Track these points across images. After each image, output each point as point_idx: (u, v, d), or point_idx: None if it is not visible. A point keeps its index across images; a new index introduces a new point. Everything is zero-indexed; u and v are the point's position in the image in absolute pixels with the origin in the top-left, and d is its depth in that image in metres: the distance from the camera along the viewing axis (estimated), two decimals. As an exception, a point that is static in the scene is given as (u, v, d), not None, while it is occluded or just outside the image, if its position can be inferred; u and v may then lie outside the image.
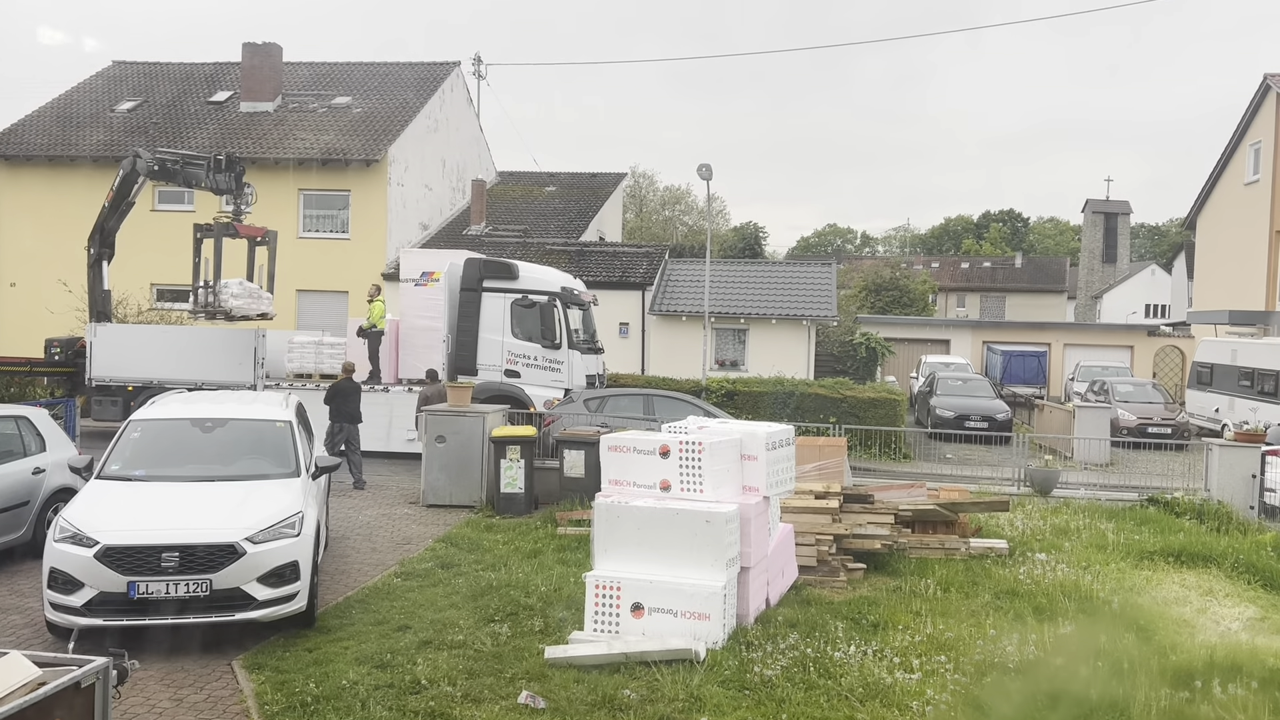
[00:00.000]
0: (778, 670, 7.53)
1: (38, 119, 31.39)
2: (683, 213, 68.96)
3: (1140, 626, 8.76)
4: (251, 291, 19.18)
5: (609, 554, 8.49)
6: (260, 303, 19.35)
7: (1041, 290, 70.91)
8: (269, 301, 19.64)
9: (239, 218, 19.23)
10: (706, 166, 23.62)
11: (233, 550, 7.96)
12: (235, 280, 19.03)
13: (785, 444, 9.57)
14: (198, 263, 19.05)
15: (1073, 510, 14.36)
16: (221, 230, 18.93)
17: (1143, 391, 26.76)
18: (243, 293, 18.92)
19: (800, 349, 27.92)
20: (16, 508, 10.61)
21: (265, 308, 19.49)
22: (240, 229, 19.22)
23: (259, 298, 19.33)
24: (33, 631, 8.43)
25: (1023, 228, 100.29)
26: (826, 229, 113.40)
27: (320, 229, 29.53)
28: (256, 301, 19.24)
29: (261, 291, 19.48)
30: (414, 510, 14.14)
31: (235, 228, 19.13)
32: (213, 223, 19.07)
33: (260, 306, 19.34)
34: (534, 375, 18.99)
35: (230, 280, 18.90)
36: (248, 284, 19.27)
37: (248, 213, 19.41)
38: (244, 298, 18.91)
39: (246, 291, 19.04)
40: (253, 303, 19.13)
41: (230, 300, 18.65)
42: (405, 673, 7.48)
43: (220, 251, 18.80)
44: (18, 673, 4.24)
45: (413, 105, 31.37)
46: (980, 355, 36.80)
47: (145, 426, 9.81)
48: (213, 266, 18.71)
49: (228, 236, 19.00)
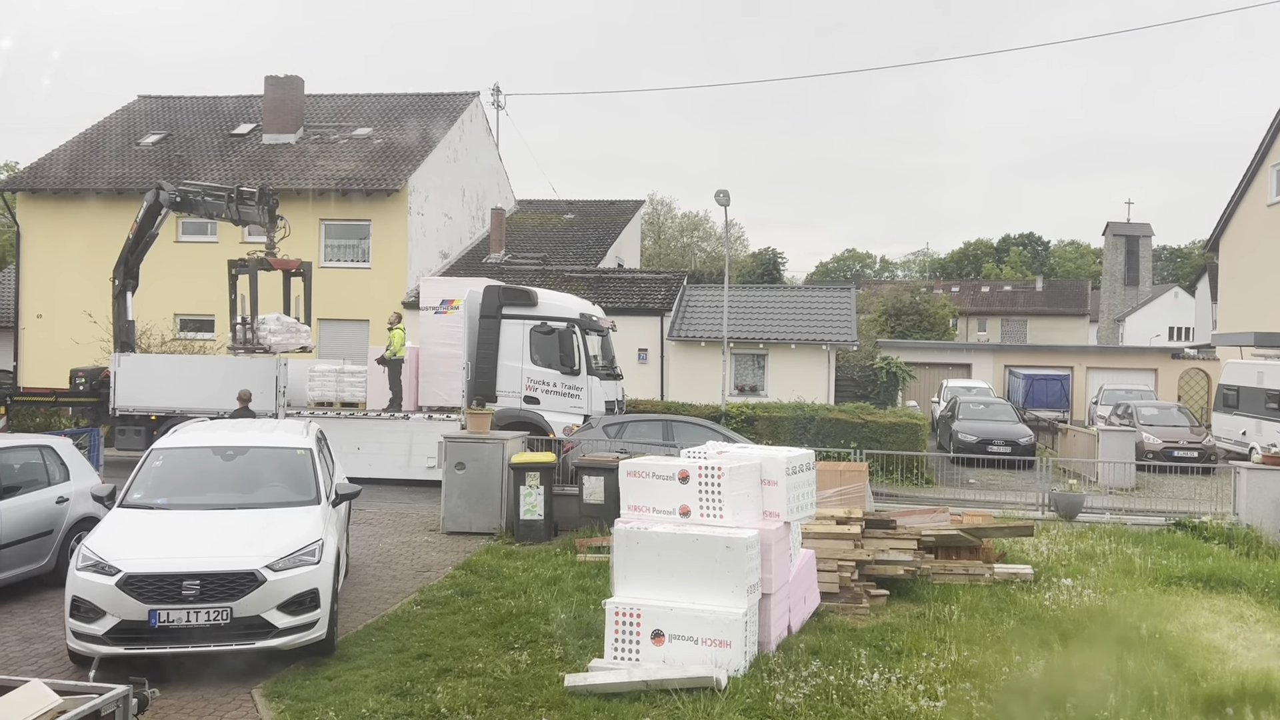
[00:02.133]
0: (800, 698, 7.45)
1: (64, 153, 31.89)
2: (701, 239, 69.17)
3: (1169, 653, 8.61)
4: (289, 326, 19.27)
5: (629, 581, 8.44)
6: (298, 336, 19.37)
7: (1063, 314, 70.46)
8: (306, 334, 19.66)
9: (273, 250, 19.24)
10: (724, 193, 23.66)
11: (253, 578, 7.97)
12: (273, 315, 19.12)
13: (806, 469, 9.52)
14: (234, 299, 19.13)
15: (1098, 535, 14.19)
16: (256, 265, 18.97)
17: (1168, 414, 26.48)
18: (280, 328, 19.01)
19: (820, 374, 27.82)
20: (40, 536, 10.67)
21: (304, 341, 19.52)
22: (274, 262, 19.23)
23: (297, 331, 19.37)
24: (55, 660, 8.46)
25: (1043, 251, 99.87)
26: (845, 254, 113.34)
27: (341, 258, 29.78)
28: (295, 335, 19.28)
29: (299, 325, 19.53)
30: (433, 537, 14.14)
31: (269, 261, 19.16)
32: (247, 258, 19.12)
33: (299, 340, 19.36)
34: (553, 402, 19.01)
35: (268, 316, 18.99)
36: (285, 319, 19.36)
37: (250, 240, 19.58)
38: (282, 333, 18.99)
39: (284, 327, 19.13)
40: (291, 337, 19.19)
41: (269, 336, 18.73)
42: (425, 701, 7.45)
43: (256, 286, 18.85)
44: (39, 701, 4.26)
45: (432, 135, 31.68)
46: (1002, 379, 36.54)
47: (167, 455, 9.87)
48: (249, 302, 18.78)
49: (262, 270, 19.04)
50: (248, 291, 18.86)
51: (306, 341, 19.57)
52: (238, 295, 19.08)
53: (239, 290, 19.11)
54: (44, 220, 30.40)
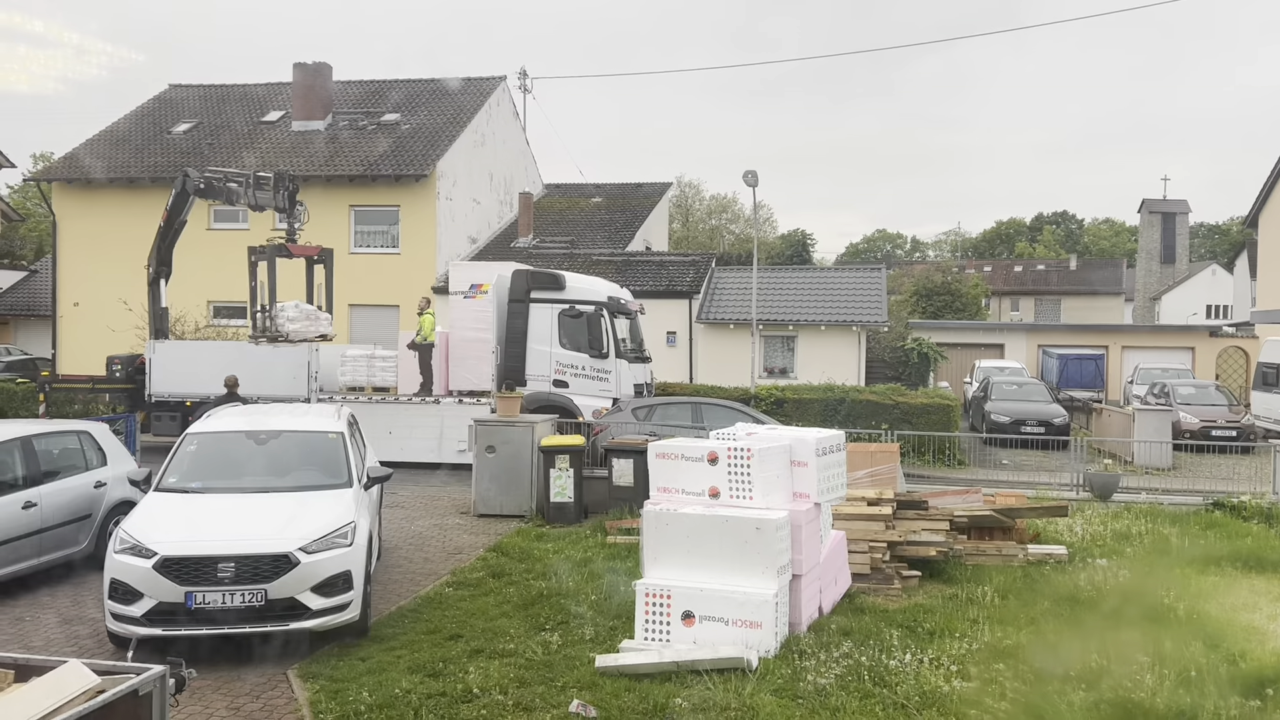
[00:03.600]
0: (831, 679, 7.42)
1: (97, 143, 32.26)
2: (729, 221, 68.85)
3: (1207, 633, 8.49)
4: (308, 314, 18.87)
5: (659, 562, 8.44)
6: (318, 324, 18.97)
7: (1097, 293, 69.43)
8: (328, 322, 19.23)
9: (292, 237, 18.97)
10: (753, 173, 23.50)
11: (287, 560, 8.05)
12: (291, 303, 18.77)
13: (836, 450, 9.46)
14: (254, 286, 18.83)
15: (1134, 515, 14.02)
16: (274, 252, 18.70)
17: (1205, 393, 26.08)
18: (299, 315, 18.65)
19: (850, 355, 27.64)
20: (79, 520, 10.86)
21: (324, 329, 19.09)
22: (293, 249, 18.94)
23: (316, 319, 18.97)
24: (95, 641, 8.60)
25: (1077, 230, 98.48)
26: (876, 235, 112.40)
27: (371, 244, 29.94)
28: (314, 323, 18.89)
29: (319, 313, 19.14)
30: (465, 520, 14.23)
31: (288, 248, 18.87)
32: (266, 245, 18.87)
33: (319, 328, 18.96)
34: (582, 385, 19.03)
35: (286, 304, 18.66)
36: (304, 306, 19.00)
37: (301, 230, 19.16)
38: (301, 320, 18.61)
39: (303, 314, 18.75)
40: (310, 325, 18.79)
41: (287, 324, 18.40)
42: (457, 681, 7.50)
43: (274, 273, 18.57)
44: (78, 681, 4.31)
45: (460, 120, 31.72)
46: (1036, 359, 36.14)
47: (201, 439, 9.99)
48: (267, 289, 18.50)
49: (281, 257, 18.78)
50: (267, 279, 18.58)
51: (327, 329, 19.16)
52: (257, 283, 18.80)
53: (258, 277, 18.84)
54: (79, 210, 30.80)
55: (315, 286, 19.71)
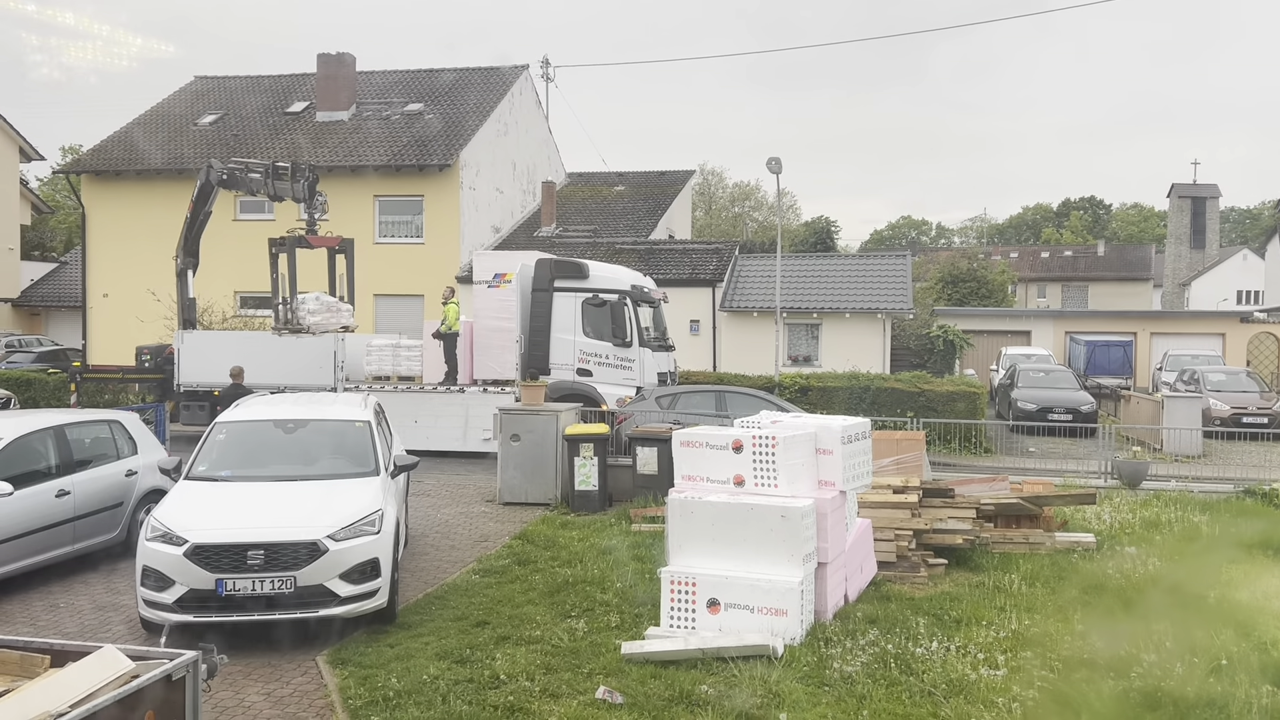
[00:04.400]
0: (858, 666, 7.41)
1: (125, 135, 32.56)
2: (752, 209, 68.63)
3: (1239, 622, 8.41)
4: (329, 305, 18.85)
5: (684, 550, 8.45)
6: (339, 315, 18.91)
7: (1126, 279, 68.67)
8: (349, 313, 19.19)
9: (313, 228, 18.91)
10: (776, 160, 23.39)
11: (315, 548, 8.13)
12: (312, 295, 18.74)
13: (861, 437, 9.43)
14: (275, 278, 18.80)
15: (1163, 503, 13.89)
16: (294, 243, 18.66)
17: (1236, 380, 25.77)
18: (320, 307, 18.62)
19: (875, 343, 27.52)
20: (111, 508, 10.99)
21: (345, 320, 19.03)
22: (313, 240, 18.88)
23: (337, 310, 18.93)
24: (128, 628, 8.72)
25: (1105, 215, 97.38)
26: (900, 221, 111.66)
27: (395, 234, 30.08)
28: (335, 314, 18.84)
29: (340, 304, 19.11)
30: (490, 508, 14.30)
31: (308, 239, 18.81)
32: (286, 236, 18.83)
33: (340, 319, 18.90)
34: (606, 374, 19.05)
35: (307, 295, 18.64)
36: (325, 298, 18.98)
37: (323, 220, 19.12)
38: (322, 312, 18.58)
39: (324, 306, 18.73)
40: (331, 316, 18.75)
41: (308, 316, 18.35)
42: (484, 668, 7.55)
43: (294, 264, 18.54)
44: (113, 666, 4.38)
45: (483, 110, 31.77)
46: (1063, 346, 35.83)
47: (230, 429, 10.08)
48: (288, 281, 18.43)
49: (301, 249, 18.75)
50: (287, 270, 18.54)
51: (348, 320, 19.07)
52: (278, 274, 18.75)
53: (279, 269, 18.79)
54: (108, 202, 31.12)
55: (337, 277, 19.72)
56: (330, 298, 19.19)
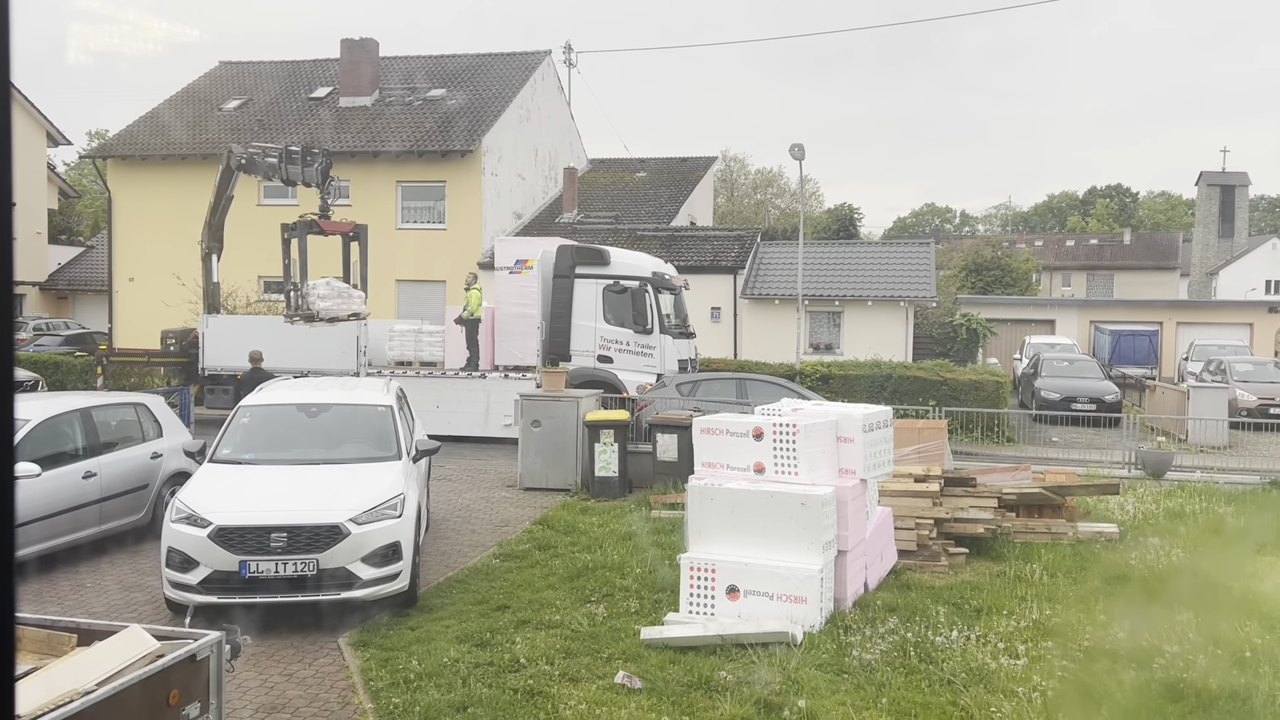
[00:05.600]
0: (877, 654, 7.41)
1: (151, 120, 32.77)
2: (775, 195, 68.30)
3: (1263, 614, 8.34)
4: (340, 291, 18.18)
5: (703, 536, 8.46)
6: (351, 302, 18.24)
7: (1152, 267, 67.94)
8: (360, 300, 18.49)
9: (326, 214, 18.44)
10: (799, 146, 23.28)
11: (337, 531, 8.19)
12: (323, 281, 18.12)
13: (883, 426, 9.39)
14: (288, 264, 18.38)
15: (1188, 494, 13.77)
16: (305, 228, 18.20)
17: (1264, 371, 25.47)
18: (330, 293, 17.97)
19: (898, 331, 27.38)
20: (137, 490, 11.13)
21: (357, 307, 18.36)
22: (326, 226, 18.37)
23: (349, 296, 18.26)
24: (153, 608, 8.82)
25: (1131, 203, 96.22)
26: (924, 209, 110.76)
27: (418, 220, 30.15)
28: (347, 301, 18.17)
29: (352, 290, 18.43)
30: (511, 493, 14.36)
31: (320, 225, 18.31)
32: (298, 221, 18.37)
33: (351, 306, 18.24)
34: (626, 360, 19.06)
35: (318, 281, 18.06)
36: (335, 283, 18.30)
37: (338, 205, 18.54)
38: (332, 298, 17.93)
39: (335, 291, 18.07)
40: (342, 303, 18.09)
41: (318, 302, 17.75)
42: (504, 651, 7.60)
43: (305, 251, 18.08)
44: (139, 645, 4.44)
45: (505, 95, 31.74)
46: (1087, 335, 35.51)
47: (254, 412, 10.16)
48: (299, 266, 18.01)
49: (313, 234, 18.27)
50: (299, 256, 18.07)
51: (360, 307, 18.38)
52: (290, 260, 18.33)
53: (291, 255, 18.33)
54: (134, 187, 31.35)
55: (351, 263, 19.04)
56: (341, 283, 18.51)
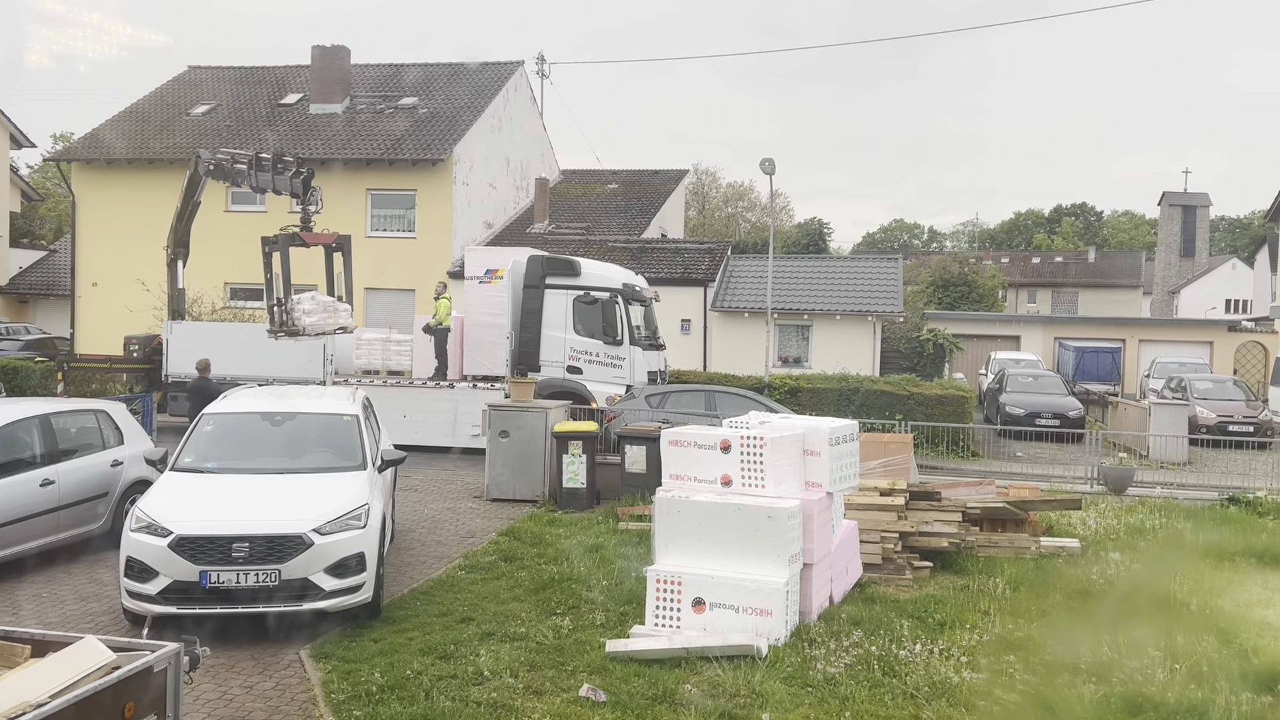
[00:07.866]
0: (841, 668, 7.44)
1: (116, 124, 32.38)
2: (745, 209, 68.68)
3: (1220, 629, 8.46)
4: (325, 305, 17.58)
5: (670, 549, 8.46)
6: (337, 316, 17.58)
7: (1116, 285, 69.01)
8: (347, 313, 17.80)
9: (307, 225, 17.79)
10: (769, 161, 23.44)
11: (300, 541, 8.11)
12: (308, 295, 17.52)
13: (849, 439, 9.45)
14: (269, 278, 17.59)
15: (1148, 509, 13.94)
16: (288, 241, 17.45)
17: (1223, 388, 25.91)
18: (316, 308, 17.37)
19: (865, 345, 27.56)
20: (96, 498, 10.95)
21: (343, 320, 17.68)
22: (308, 237, 17.66)
23: (335, 311, 17.62)
24: (111, 619, 8.68)
25: (1096, 222, 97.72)
26: (893, 224, 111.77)
27: (387, 228, 29.99)
28: (333, 315, 17.53)
29: (338, 304, 17.78)
30: (478, 504, 14.28)
31: (301, 237, 17.60)
32: (278, 234, 17.63)
33: (337, 320, 17.58)
34: (596, 371, 19.05)
35: (303, 296, 17.46)
36: (321, 298, 17.72)
37: (317, 214, 18.00)
38: (318, 313, 17.33)
39: (320, 306, 17.47)
40: (329, 317, 17.46)
41: (304, 318, 17.14)
42: (468, 664, 7.55)
43: (288, 264, 17.38)
44: (93, 657, 4.36)
45: (477, 104, 31.69)
46: (1052, 352, 35.97)
47: (217, 420, 10.05)
48: (282, 281, 17.28)
49: (295, 246, 17.53)
50: (281, 270, 17.33)
51: (346, 321, 17.74)
52: (272, 274, 17.54)
53: (273, 269, 17.53)
54: (99, 190, 30.95)
55: (335, 275, 18.42)
56: (327, 298, 17.96)
